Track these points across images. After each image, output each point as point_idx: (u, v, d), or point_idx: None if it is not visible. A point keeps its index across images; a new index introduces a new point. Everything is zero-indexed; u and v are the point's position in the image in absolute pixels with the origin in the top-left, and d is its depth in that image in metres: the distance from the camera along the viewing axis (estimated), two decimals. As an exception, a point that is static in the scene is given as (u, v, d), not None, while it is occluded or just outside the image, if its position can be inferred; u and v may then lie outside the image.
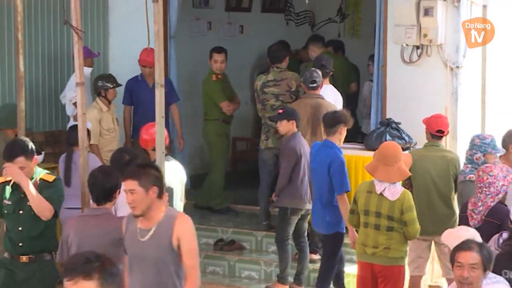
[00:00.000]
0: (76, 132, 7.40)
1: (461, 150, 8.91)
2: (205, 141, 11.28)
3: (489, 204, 7.37)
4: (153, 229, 5.72)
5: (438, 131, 8.51)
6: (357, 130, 12.13)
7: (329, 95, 9.78)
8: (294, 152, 8.91)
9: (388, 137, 9.52)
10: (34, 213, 6.83)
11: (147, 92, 10.08)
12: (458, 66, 9.72)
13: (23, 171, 6.82)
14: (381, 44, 10.17)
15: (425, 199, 8.28)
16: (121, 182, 6.51)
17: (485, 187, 7.40)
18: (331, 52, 12.00)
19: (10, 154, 6.88)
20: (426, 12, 9.59)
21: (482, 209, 7.38)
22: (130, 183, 5.71)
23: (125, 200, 6.75)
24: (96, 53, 11.13)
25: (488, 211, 7.34)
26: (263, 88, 10.16)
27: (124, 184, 5.76)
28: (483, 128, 9.78)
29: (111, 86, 10.28)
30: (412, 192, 7.98)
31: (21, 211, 6.91)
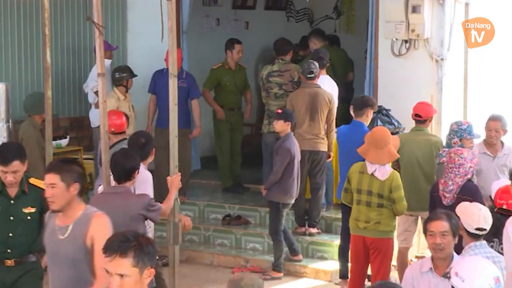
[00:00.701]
0: None
1: (445, 134, 8.92)
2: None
3: (459, 184, 7.34)
4: (70, 228, 5.17)
5: (416, 115, 8.53)
6: (350, 117, 12.17)
7: (326, 85, 9.79)
8: (289, 152, 8.86)
9: (379, 123, 9.56)
10: (26, 219, 6.12)
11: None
12: (443, 59, 9.73)
13: (17, 175, 6.08)
14: (373, 39, 10.18)
15: (411, 178, 8.27)
16: (140, 163, 6.56)
17: (455, 168, 7.38)
18: (329, 46, 12.01)
19: (6, 159, 6.07)
20: (414, 10, 9.59)
21: (453, 188, 7.36)
22: (52, 177, 5.16)
23: (143, 180, 6.77)
24: (115, 46, 11.15)
25: (460, 189, 7.32)
26: (268, 78, 10.17)
27: (46, 178, 5.21)
28: (465, 115, 9.77)
29: (128, 76, 10.31)
30: (400, 172, 8.02)
31: (12, 217, 6.12)
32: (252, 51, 13.35)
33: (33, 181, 6.20)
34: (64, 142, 10.64)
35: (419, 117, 8.51)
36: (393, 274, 8.35)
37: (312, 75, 9.54)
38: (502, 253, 5.79)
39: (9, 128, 10.50)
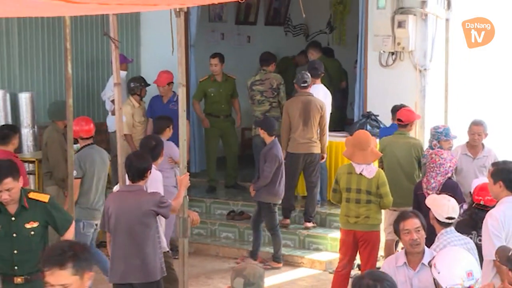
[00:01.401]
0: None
1: (428, 137, 8.94)
2: None
3: (441, 182, 7.42)
4: None
5: (398, 120, 8.55)
6: (343, 121, 12.20)
7: (320, 93, 9.81)
8: (277, 158, 8.87)
9: (369, 127, 9.59)
10: (29, 234, 5.57)
11: (161, 107, 10.11)
12: (426, 69, 9.75)
13: (11, 192, 5.44)
14: (363, 51, 10.21)
15: (393, 177, 8.22)
16: (152, 164, 6.59)
17: (436, 167, 7.47)
18: (325, 57, 12.02)
19: None
20: (400, 25, 9.61)
21: (436, 185, 7.42)
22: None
23: (155, 179, 6.79)
24: (130, 59, 11.18)
25: (442, 186, 7.38)
26: (252, 86, 10.39)
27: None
28: (446, 119, 9.79)
29: (142, 86, 10.33)
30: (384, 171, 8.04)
31: (15, 234, 5.55)
32: (254, 63, 13.33)
33: (33, 195, 5.61)
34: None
35: (401, 122, 8.53)
36: (380, 264, 8.35)
37: (306, 84, 9.57)
38: (480, 245, 5.81)
39: (34, 133, 10.58)
